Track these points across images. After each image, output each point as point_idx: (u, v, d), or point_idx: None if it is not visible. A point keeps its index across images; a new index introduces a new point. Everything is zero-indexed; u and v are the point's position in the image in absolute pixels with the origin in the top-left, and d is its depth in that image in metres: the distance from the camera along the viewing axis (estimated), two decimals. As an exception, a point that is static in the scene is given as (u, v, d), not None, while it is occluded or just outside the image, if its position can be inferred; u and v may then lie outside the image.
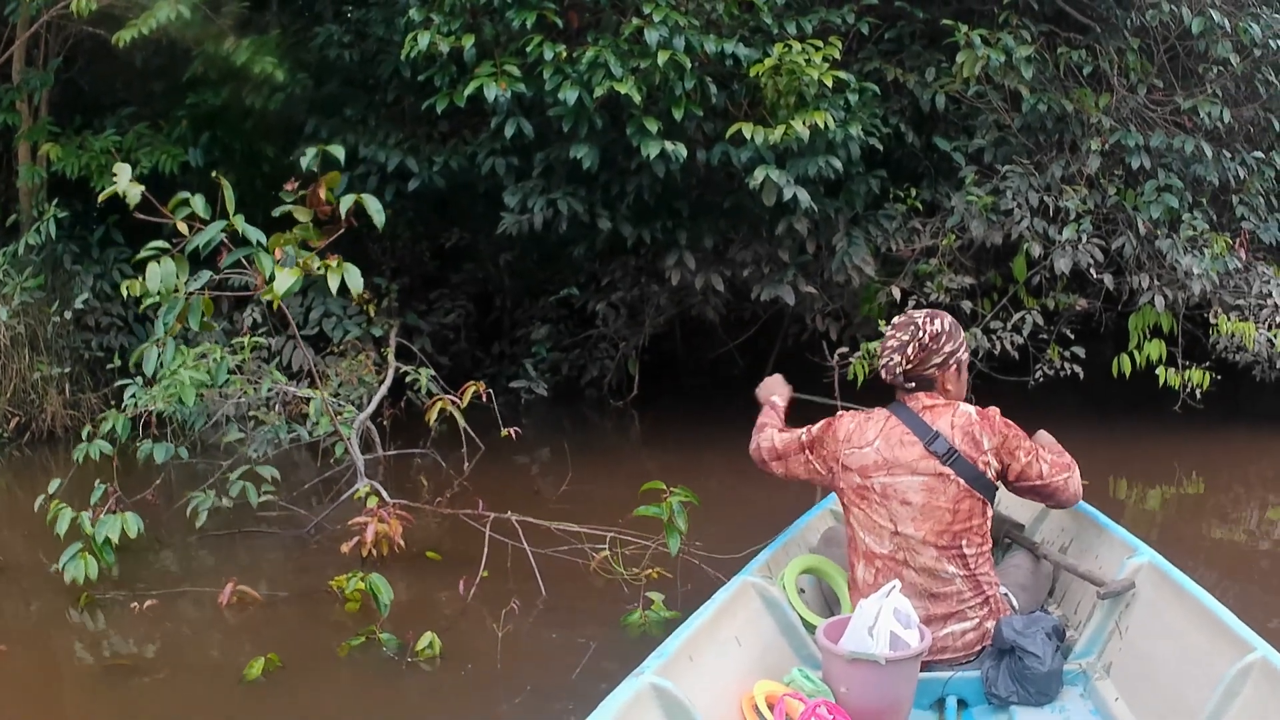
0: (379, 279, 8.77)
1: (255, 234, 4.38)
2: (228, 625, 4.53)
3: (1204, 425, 7.88)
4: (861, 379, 7.51)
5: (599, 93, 6.77)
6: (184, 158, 8.39)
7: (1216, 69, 8.09)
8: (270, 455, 6.39)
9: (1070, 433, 4.02)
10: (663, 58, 6.73)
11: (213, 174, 4.74)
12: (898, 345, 3.43)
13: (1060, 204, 7.61)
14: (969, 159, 7.97)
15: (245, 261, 4.50)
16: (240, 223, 4.30)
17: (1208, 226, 7.95)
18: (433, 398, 5.80)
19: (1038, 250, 7.54)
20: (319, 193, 4.55)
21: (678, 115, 6.93)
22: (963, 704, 3.23)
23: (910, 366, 3.40)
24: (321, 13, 8.54)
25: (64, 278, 8.67)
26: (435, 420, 5.80)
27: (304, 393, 6.58)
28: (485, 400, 5.87)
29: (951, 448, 3.31)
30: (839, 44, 7.17)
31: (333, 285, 4.45)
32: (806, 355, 8.60)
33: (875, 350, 7.42)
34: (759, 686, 3.06)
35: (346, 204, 4.41)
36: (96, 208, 8.06)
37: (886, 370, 3.45)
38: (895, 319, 3.53)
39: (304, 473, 6.88)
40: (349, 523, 5.10)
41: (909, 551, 3.33)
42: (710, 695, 2.90)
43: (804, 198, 7.02)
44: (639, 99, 6.78)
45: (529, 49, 6.92)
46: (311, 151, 4.55)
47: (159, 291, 4.30)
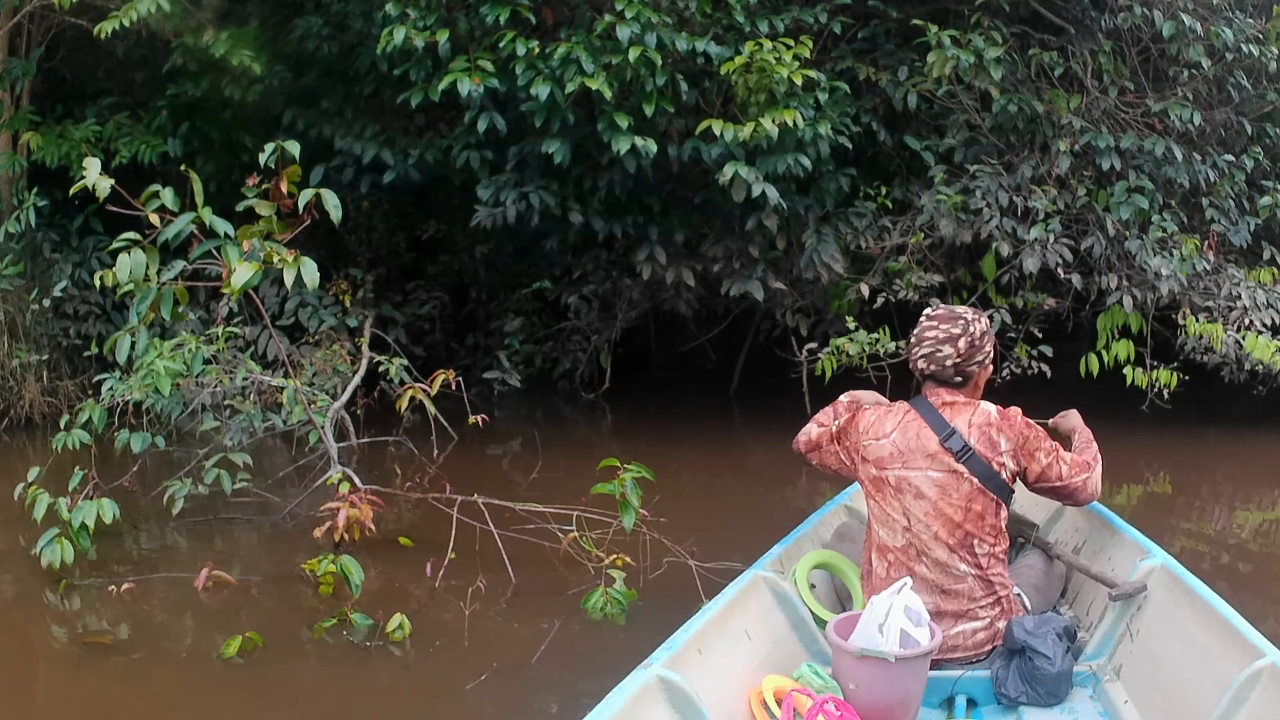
0: (355, 270, 8.98)
1: (223, 226, 4.50)
2: (204, 608, 4.66)
3: (1175, 426, 8.07)
4: (829, 375, 7.71)
5: (571, 88, 6.95)
6: (163, 148, 8.56)
7: (1188, 72, 8.28)
8: (245, 444, 6.54)
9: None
10: (634, 54, 6.90)
11: (181, 167, 4.87)
12: (946, 337, 3.40)
13: (1029, 204, 7.78)
14: (940, 158, 8.14)
15: (215, 253, 4.61)
16: (208, 215, 4.44)
17: (1177, 228, 8.12)
18: (404, 386, 5.97)
19: (1007, 249, 7.71)
20: (280, 187, 4.70)
21: (649, 111, 7.12)
22: (972, 703, 3.23)
23: (959, 360, 3.39)
24: (301, 5, 8.69)
25: (43, 266, 8.85)
26: (406, 409, 5.96)
27: (278, 382, 6.73)
28: (455, 389, 6.03)
29: (967, 445, 3.32)
30: (810, 43, 7.35)
31: (288, 279, 4.56)
32: (776, 351, 8.82)
33: (851, 345, 7.65)
34: (767, 681, 3.05)
35: (305, 198, 4.55)
36: (76, 197, 8.19)
37: (931, 361, 3.41)
38: (932, 311, 3.50)
39: (278, 461, 7.08)
40: (321, 508, 5.25)
41: (921, 547, 3.35)
42: (718, 689, 2.88)
43: (773, 194, 7.20)
44: (610, 95, 6.97)
45: (502, 44, 7.09)
46: (270, 147, 4.67)
47: (131, 281, 4.43)
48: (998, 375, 7.90)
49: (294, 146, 4.69)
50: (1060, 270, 7.73)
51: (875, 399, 3.92)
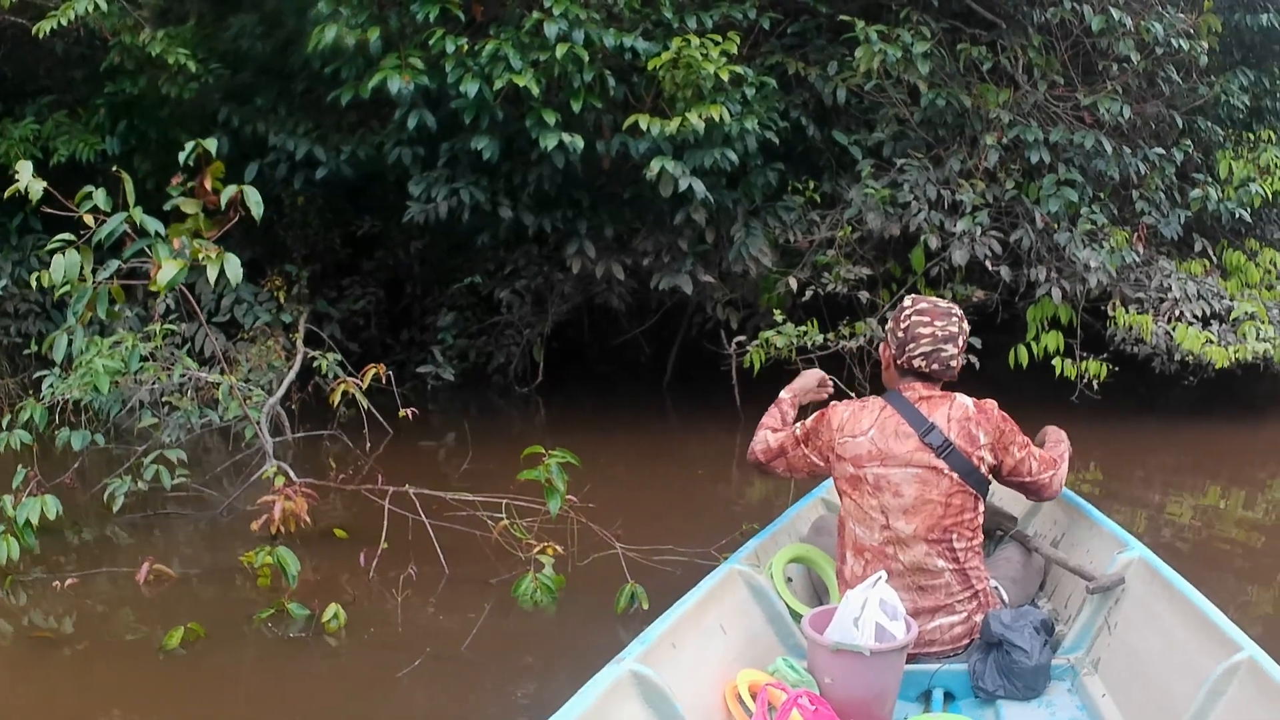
0: (290, 266, 9.13)
1: (154, 225, 4.63)
2: (145, 601, 4.80)
3: (1111, 417, 8.24)
4: (758, 367, 7.90)
5: (499, 85, 7.12)
6: (101, 146, 8.69)
7: (1118, 66, 8.45)
8: (183, 440, 6.70)
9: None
10: (562, 51, 7.06)
11: (114, 169, 4.98)
12: (946, 335, 3.40)
13: (958, 197, 7.97)
14: (868, 152, 8.33)
15: (148, 251, 4.73)
16: (139, 214, 4.56)
17: (1107, 220, 8.34)
18: (337, 381, 6.13)
19: (935, 242, 7.90)
20: (205, 184, 4.85)
21: (576, 107, 7.28)
22: (949, 697, 3.25)
23: (957, 358, 3.42)
24: (237, 3, 8.76)
25: (-18, 264, 8.97)
26: (340, 403, 6.17)
27: (214, 378, 6.85)
28: (385, 383, 6.21)
29: (947, 440, 3.31)
30: (738, 39, 7.55)
31: (211, 275, 4.69)
32: (705, 344, 9.00)
33: (779, 338, 7.83)
34: (743, 675, 3.07)
35: (227, 194, 4.67)
36: (14, 195, 8.30)
37: (932, 360, 3.40)
38: (922, 306, 3.48)
39: (215, 457, 7.24)
40: (258, 501, 5.39)
41: (899, 545, 3.34)
42: (693, 684, 2.89)
43: (700, 188, 7.38)
44: (538, 92, 7.13)
45: (432, 42, 7.24)
46: (190, 145, 4.78)
47: (67, 281, 4.55)
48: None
49: (213, 144, 4.79)
50: (989, 263, 7.91)
51: (805, 385, 4.02)
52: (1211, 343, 8.14)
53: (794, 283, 8.07)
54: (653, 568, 4.89)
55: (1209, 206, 8.78)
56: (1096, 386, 8.12)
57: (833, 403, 3.59)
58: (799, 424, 3.69)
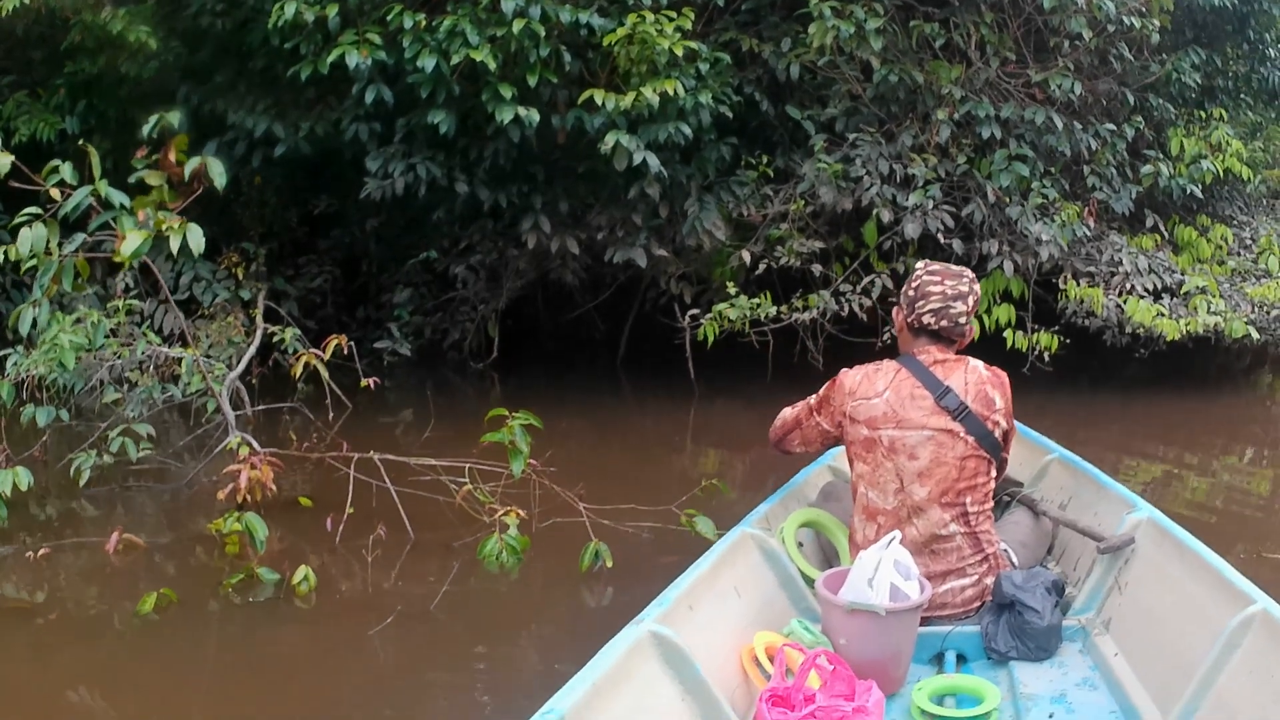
0: (247, 244, 9.28)
1: (119, 198, 4.77)
2: (116, 570, 4.94)
3: (1063, 389, 8.46)
4: (711, 340, 8.10)
5: (456, 60, 7.28)
6: (61, 125, 8.81)
7: (1070, 43, 8.67)
8: (145, 416, 6.78)
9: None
10: (518, 26, 7.23)
11: (79, 142, 5.10)
12: (956, 294, 3.45)
13: (910, 172, 8.17)
14: (821, 128, 8.52)
15: (113, 224, 4.85)
16: (104, 188, 4.70)
17: (1059, 195, 8.55)
18: (298, 354, 6.27)
19: (888, 216, 8.09)
20: (169, 156, 4.97)
21: (532, 82, 7.46)
22: (962, 659, 3.29)
23: (968, 317, 3.45)
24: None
25: (-56, 242, 9.06)
26: (300, 376, 6.31)
27: (176, 353, 7.00)
28: (346, 354, 6.37)
29: (963, 404, 3.34)
30: (692, 15, 7.72)
31: (174, 245, 4.77)
32: (659, 319, 9.17)
33: (732, 311, 8.02)
34: (759, 637, 3.11)
35: (191, 165, 4.80)
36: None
37: (942, 317, 3.44)
38: (934, 268, 3.54)
39: (177, 434, 7.35)
40: (223, 471, 5.54)
41: (912, 509, 3.38)
42: (710, 645, 2.94)
43: (654, 163, 7.58)
44: (494, 66, 7.30)
45: (390, 18, 7.41)
46: (153, 119, 4.94)
47: (33, 255, 4.70)
48: (879, 339, 8.30)
49: (175, 117, 4.95)
50: (941, 236, 8.09)
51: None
52: (1163, 315, 8.33)
53: (747, 256, 8.26)
54: (614, 529, 5.04)
55: (1160, 182, 8.99)
56: (1048, 359, 8.30)
57: (843, 369, 3.60)
58: (812, 396, 3.72)
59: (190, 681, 3.95)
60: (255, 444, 5.87)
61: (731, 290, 8.19)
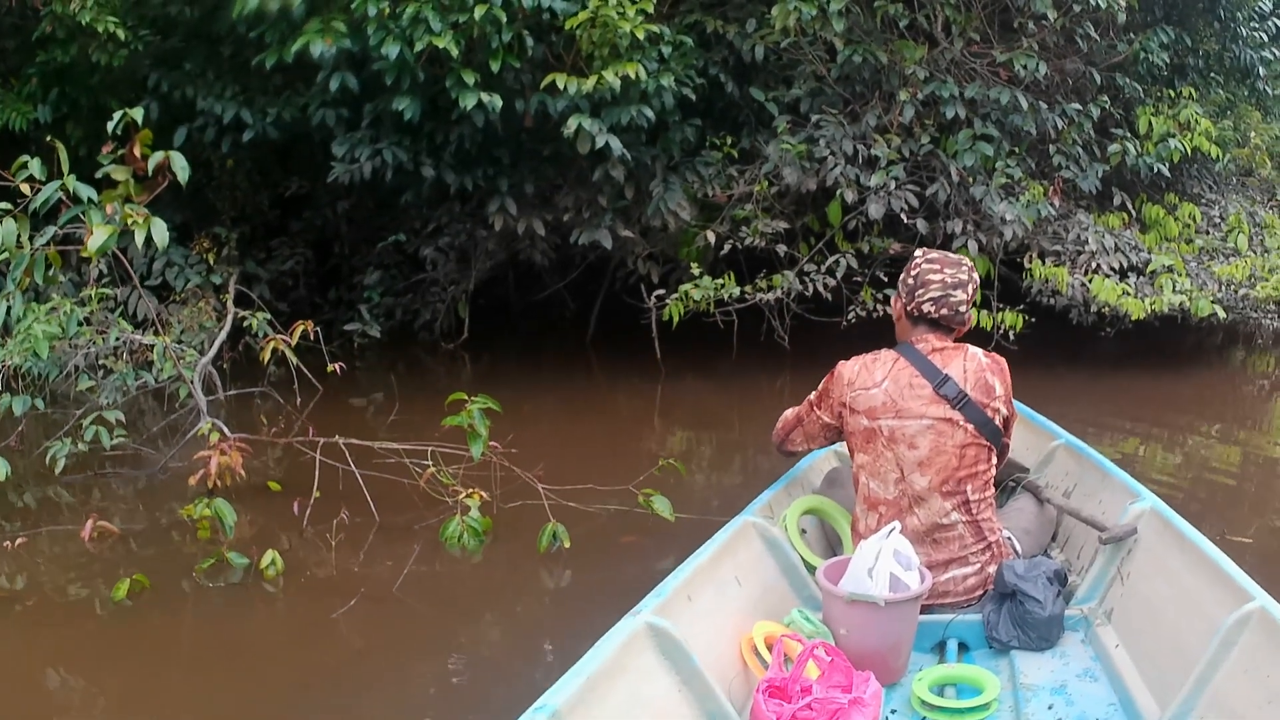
0: (219, 229, 9.47)
1: (87, 191, 4.89)
2: (91, 557, 5.07)
3: (1030, 368, 8.22)
4: (676, 320, 8.27)
5: (420, 47, 7.43)
6: (33, 114, 8.97)
7: (1035, 23, 8.78)
8: (119, 402, 6.94)
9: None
10: (480, 12, 7.36)
11: (48, 137, 5.23)
12: (956, 282, 3.46)
13: (874, 152, 8.31)
14: (786, 109, 8.66)
15: (82, 217, 4.98)
16: (72, 182, 4.82)
17: (1024, 175, 8.68)
18: (267, 339, 6.42)
19: (852, 196, 8.24)
20: (134, 151, 5.13)
21: (495, 67, 7.61)
22: (963, 648, 3.30)
23: (968, 305, 3.47)
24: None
25: (-83, 235, 9.22)
26: (269, 360, 6.48)
27: (149, 339, 7.14)
28: (314, 339, 6.53)
29: (962, 392, 3.36)
30: (654, -2, 7.88)
31: (139, 240, 4.91)
32: (627, 299, 9.34)
33: (696, 291, 8.18)
34: (758, 627, 3.12)
35: (154, 161, 4.91)
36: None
37: (942, 305, 3.45)
38: (933, 256, 3.55)
39: (151, 419, 7.54)
40: (194, 457, 5.67)
41: (914, 497, 3.40)
42: (708, 635, 2.93)
43: (616, 145, 7.75)
44: (457, 52, 7.45)
45: (354, 5, 7.52)
46: (117, 115, 5.02)
47: (5, 249, 4.84)
48: (844, 319, 8.46)
49: (139, 113, 5.02)
50: (905, 215, 8.24)
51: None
52: (1128, 294, 8.48)
53: (712, 237, 8.43)
54: (575, 510, 5.20)
55: (1128, 161, 9.10)
56: (1013, 337, 8.43)
57: (840, 361, 3.61)
58: (812, 393, 3.72)
59: (165, 664, 4.09)
60: (225, 430, 6.03)
61: (696, 271, 8.37)
